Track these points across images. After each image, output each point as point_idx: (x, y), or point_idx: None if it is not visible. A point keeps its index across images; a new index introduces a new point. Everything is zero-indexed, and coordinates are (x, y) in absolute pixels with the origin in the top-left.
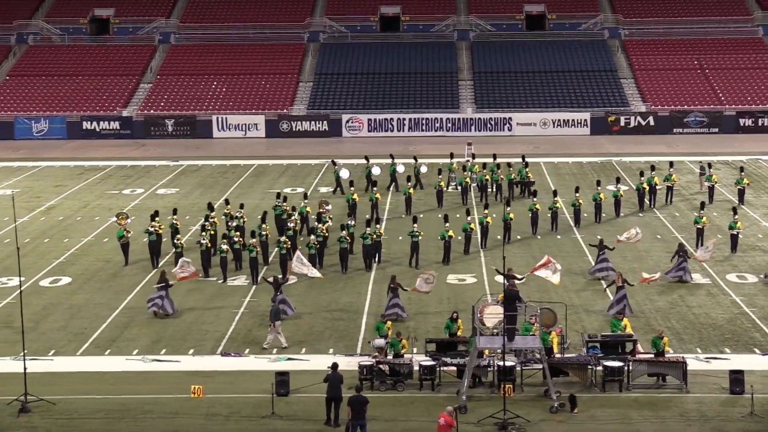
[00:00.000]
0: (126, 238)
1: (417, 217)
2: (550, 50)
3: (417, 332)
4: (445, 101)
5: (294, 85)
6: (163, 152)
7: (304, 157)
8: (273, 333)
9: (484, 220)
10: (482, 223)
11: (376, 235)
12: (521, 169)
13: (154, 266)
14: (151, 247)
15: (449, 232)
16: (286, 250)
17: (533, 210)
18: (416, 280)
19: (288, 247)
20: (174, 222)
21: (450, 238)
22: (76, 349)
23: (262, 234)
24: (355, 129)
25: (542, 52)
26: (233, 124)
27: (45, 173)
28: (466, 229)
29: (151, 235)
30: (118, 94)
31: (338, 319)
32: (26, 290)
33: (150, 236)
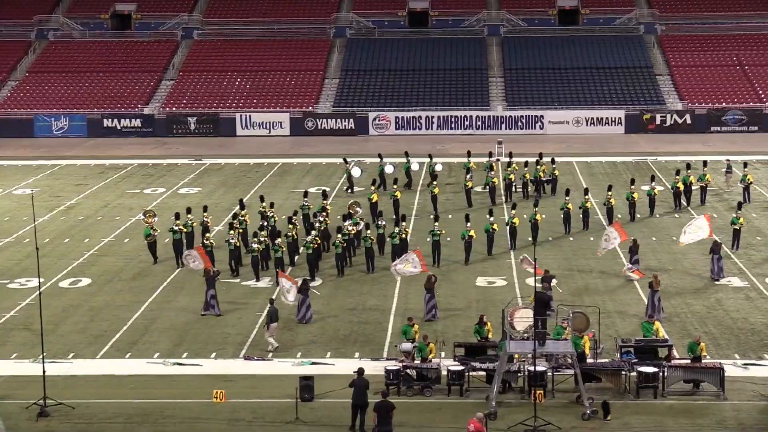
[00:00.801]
0: (153, 237)
1: (439, 216)
2: (583, 46)
3: (445, 336)
4: (474, 99)
5: (319, 82)
6: (185, 150)
7: (330, 155)
8: (269, 334)
9: (511, 221)
10: (510, 223)
11: (404, 234)
12: (536, 169)
13: (179, 266)
14: (176, 246)
15: (470, 231)
16: (312, 250)
17: (565, 209)
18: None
19: (315, 246)
20: (204, 220)
21: (471, 237)
22: (96, 352)
23: (289, 234)
24: (382, 127)
25: (575, 47)
26: (257, 122)
27: (65, 172)
28: (488, 230)
29: (175, 233)
30: (139, 91)
31: (364, 322)
32: (45, 292)
33: (174, 235)
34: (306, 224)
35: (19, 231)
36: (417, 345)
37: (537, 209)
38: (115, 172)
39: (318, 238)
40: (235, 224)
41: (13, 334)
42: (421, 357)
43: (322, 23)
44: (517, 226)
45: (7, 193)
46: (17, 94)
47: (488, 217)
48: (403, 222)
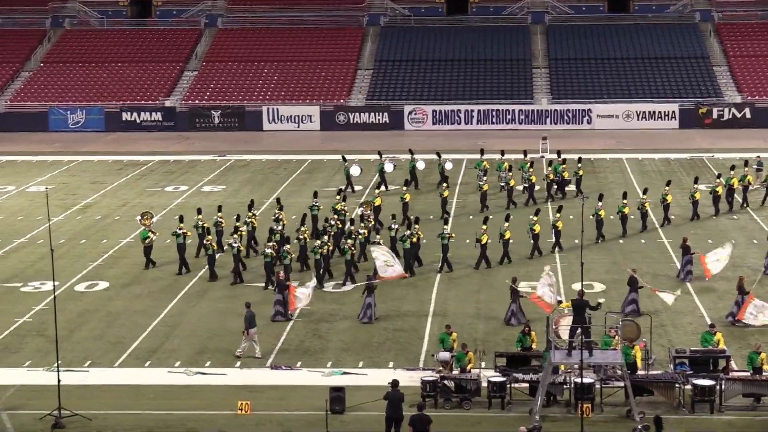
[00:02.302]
0: (151, 240)
1: (448, 219)
2: (634, 35)
3: (485, 345)
4: (517, 91)
5: (352, 72)
6: (208, 146)
7: (363, 152)
8: (248, 341)
9: (555, 222)
10: (554, 225)
11: (416, 237)
12: (557, 166)
13: (181, 272)
14: (179, 251)
15: (506, 233)
16: (321, 255)
17: (597, 216)
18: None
19: (324, 252)
20: (218, 221)
21: (507, 239)
22: (114, 360)
23: (300, 238)
24: (418, 121)
25: (626, 36)
26: (285, 116)
27: (81, 168)
28: (532, 230)
29: (178, 237)
30: (160, 82)
31: (399, 329)
32: (60, 296)
33: (177, 239)
34: (314, 227)
35: (32, 231)
36: (455, 354)
37: (560, 214)
38: (135, 168)
39: (329, 245)
40: (240, 227)
41: (26, 341)
42: (459, 367)
43: (355, 10)
44: (560, 228)
45: (21, 191)
46: (31, 85)
47: (532, 218)
48: (416, 225)
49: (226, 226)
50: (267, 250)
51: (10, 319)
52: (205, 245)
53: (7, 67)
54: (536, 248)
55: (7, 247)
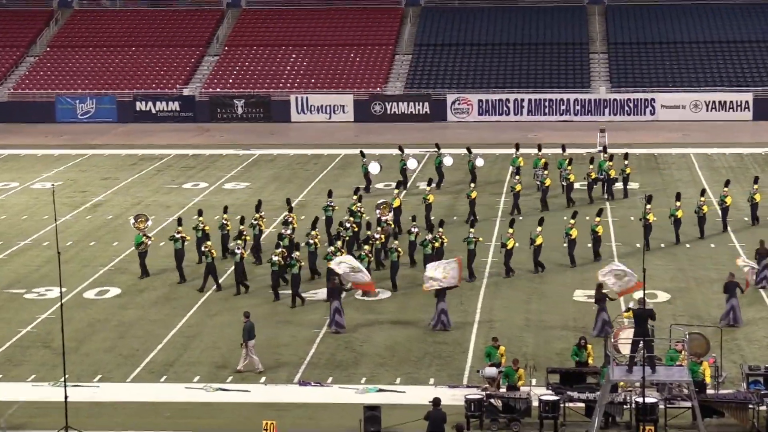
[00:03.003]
0: (145, 246)
1: (474, 222)
2: (703, 16)
3: (537, 360)
4: (573, 79)
5: (389, 58)
6: (231, 139)
7: (403, 145)
8: (249, 353)
9: (595, 227)
10: (594, 230)
11: (440, 241)
12: (602, 163)
13: (183, 280)
14: (177, 257)
15: (538, 238)
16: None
17: (674, 216)
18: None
19: None
20: (224, 222)
21: (539, 245)
22: (126, 374)
23: (311, 243)
24: (462, 112)
25: (693, 18)
26: (315, 106)
27: (91, 163)
28: (594, 230)
29: (176, 242)
30: (178, 68)
31: (441, 342)
32: (68, 303)
33: (175, 244)
34: (328, 230)
35: (37, 232)
36: (503, 370)
37: (599, 218)
38: (150, 163)
39: (343, 251)
40: (244, 231)
41: (30, 353)
42: (508, 384)
43: None
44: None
45: (25, 188)
46: (36, 72)
47: (597, 218)
48: (441, 228)
49: (232, 229)
50: (274, 257)
51: (13, 329)
52: (203, 252)
53: (10, 51)
54: (571, 256)
55: (9, 249)
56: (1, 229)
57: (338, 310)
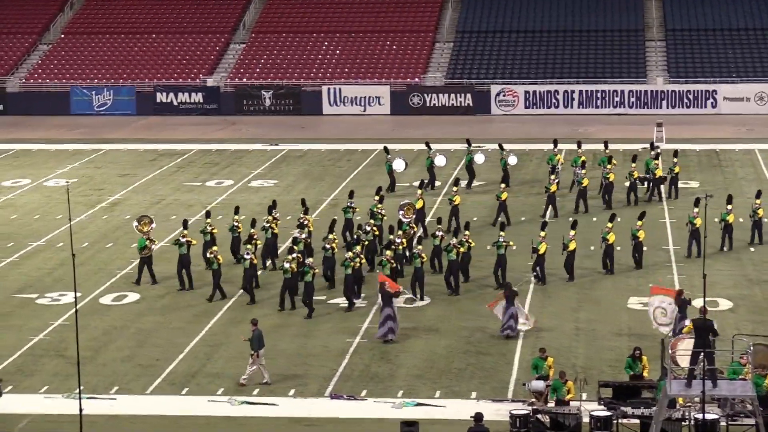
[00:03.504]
0: (149, 250)
1: (505, 224)
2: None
3: (588, 373)
4: (627, 68)
5: (428, 46)
6: (258, 133)
7: (441, 140)
8: (255, 364)
9: (636, 232)
10: (635, 235)
11: (466, 246)
12: (648, 161)
13: (183, 287)
14: (181, 262)
15: (571, 243)
16: (352, 270)
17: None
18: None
19: (356, 266)
20: (234, 224)
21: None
22: (145, 386)
23: (327, 248)
24: (507, 104)
25: (759, 2)
26: (349, 98)
27: (108, 159)
28: (635, 236)
29: (181, 246)
30: (201, 57)
31: (484, 352)
32: (83, 309)
33: (180, 248)
34: (346, 234)
35: (51, 233)
36: (551, 383)
37: (642, 222)
38: (170, 159)
39: (361, 257)
40: (255, 235)
41: (42, 362)
42: (556, 398)
43: None
44: (641, 239)
45: (37, 185)
46: (50, 60)
47: (638, 222)
48: (467, 231)
49: (244, 232)
50: (285, 264)
51: (25, 337)
52: (208, 258)
53: (22, 38)
54: (636, 259)
55: (21, 251)
56: (11, 229)
57: (391, 316)
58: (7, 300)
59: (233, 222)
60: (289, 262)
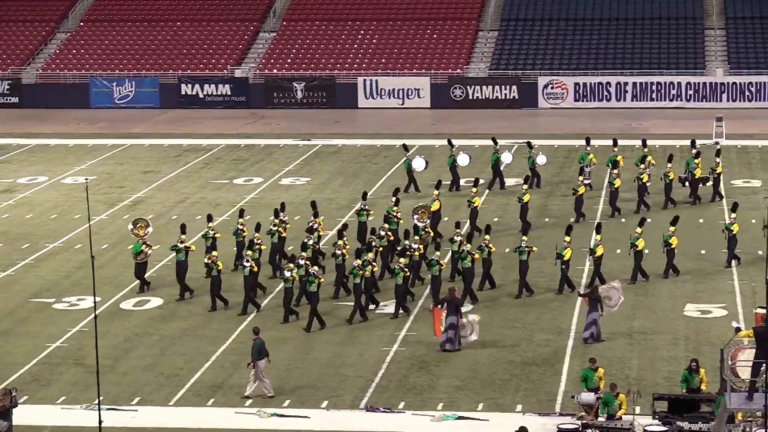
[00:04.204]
0: (145, 256)
1: (528, 229)
2: None
3: (641, 385)
4: (685, 59)
5: (471, 35)
6: (289, 127)
7: (485, 135)
8: (256, 376)
9: (668, 239)
10: (729, 229)
11: (486, 252)
12: (690, 160)
13: (182, 297)
14: (179, 269)
15: (598, 248)
16: (360, 278)
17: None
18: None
19: (366, 275)
20: (239, 228)
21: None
22: (169, 396)
23: (337, 254)
24: (556, 97)
25: None
26: (386, 90)
27: (129, 154)
28: (667, 242)
29: (179, 253)
30: (229, 47)
31: (529, 362)
32: (102, 315)
33: (178, 255)
34: (359, 239)
35: (69, 233)
36: (602, 396)
37: (674, 228)
38: (196, 155)
39: (374, 264)
40: (259, 240)
41: (60, 371)
42: (607, 413)
43: None
44: (674, 246)
45: (54, 183)
46: (68, 50)
47: (671, 227)
48: (487, 236)
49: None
50: (287, 272)
51: (41, 344)
52: (207, 264)
53: (38, 26)
54: (671, 266)
55: (37, 252)
56: (27, 229)
57: (454, 325)
58: (22, 304)
59: (237, 225)
60: (290, 270)
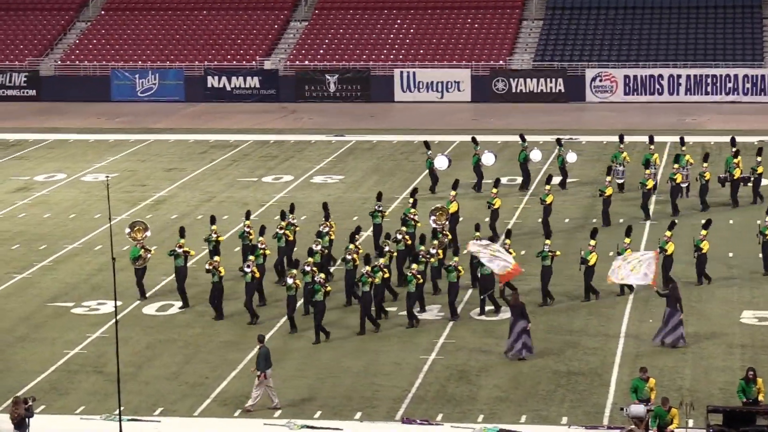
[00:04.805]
0: (144, 261)
1: (551, 233)
2: None
3: (694, 396)
4: (742, 50)
5: (515, 24)
6: (321, 122)
7: (530, 131)
8: (262, 386)
9: (699, 243)
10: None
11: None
12: (729, 159)
13: (186, 305)
14: (178, 275)
15: (668, 245)
16: (370, 287)
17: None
18: None
19: (376, 281)
20: (245, 230)
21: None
22: (193, 407)
23: (348, 260)
24: (604, 91)
25: None
26: (424, 83)
27: (153, 151)
28: (698, 247)
29: (177, 258)
30: (258, 36)
31: (575, 372)
32: (124, 320)
33: (176, 260)
34: (377, 242)
35: (88, 234)
36: (653, 408)
37: (706, 231)
38: (223, 151)
39: (384, 270)
40: (263, 244)
41: (78, 379)
42: (658, 426)
43: None
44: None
45: (74, 180)
46: (88, 40)
47: (702, 231)
48: (507, 240)
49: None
50: (289, 279)
51: (59, 350)
52: (208, 270)
53: (57, 15)
54: (702, 273)
55: (55, 254)
56: (45, 229)
57: (526, 330)
58: (39, 309)
59: (244, 228)
60: (293, 277)
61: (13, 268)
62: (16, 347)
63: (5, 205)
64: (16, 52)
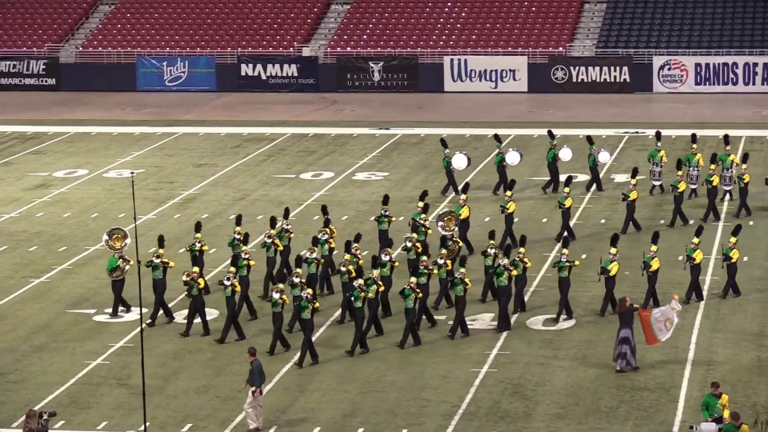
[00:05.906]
0: (122, 272)
1: (569, 240)
2: None
3: None
4: None
5: (575, 9)
6: (365, 114)
7: (592, 124)
8: (254, 404)
9: (728, 251)
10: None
11: (521, 267)
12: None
13: (170, 318)
14: (155, 288)
15: (696, 253)
16: (363, 302)
17: None
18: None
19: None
20: (236, 238)
21: (654, 271)
22: (225, 422)
23: (342, 271)
24: (673, 80)
25: None
26: (477, 71)
27: (182, 145)
28: (727, 256)
29: (155, 270)
30: (296, 21)
31: (641, 387)
32: (149, 329)
33: (154, 272)
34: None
35: None
36: (724, 427)
37: (735, 238)
38: (258, 145)
39: (379, 284)
40: (245, 254)
41: (101, 392)
42: None
43: None
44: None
45: (96, 176)
46: (112, 26)
47: (731, 238)
48: (522, 248)
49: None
50: (275, 294)
51: (80, 361)
52: (186, 282)
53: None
54: (732, 284)
55: (76, 256)
56: (65, 230)
57: (627, 339)
58: (58, 316)
59: (234, 234)
60: (279, 291)
61: (30, 271)
62: (33, 357)
63: (22, 204)
64: (34, 38)
